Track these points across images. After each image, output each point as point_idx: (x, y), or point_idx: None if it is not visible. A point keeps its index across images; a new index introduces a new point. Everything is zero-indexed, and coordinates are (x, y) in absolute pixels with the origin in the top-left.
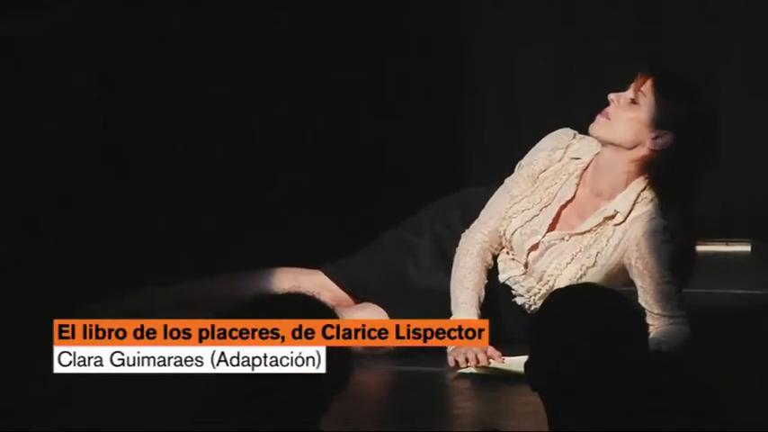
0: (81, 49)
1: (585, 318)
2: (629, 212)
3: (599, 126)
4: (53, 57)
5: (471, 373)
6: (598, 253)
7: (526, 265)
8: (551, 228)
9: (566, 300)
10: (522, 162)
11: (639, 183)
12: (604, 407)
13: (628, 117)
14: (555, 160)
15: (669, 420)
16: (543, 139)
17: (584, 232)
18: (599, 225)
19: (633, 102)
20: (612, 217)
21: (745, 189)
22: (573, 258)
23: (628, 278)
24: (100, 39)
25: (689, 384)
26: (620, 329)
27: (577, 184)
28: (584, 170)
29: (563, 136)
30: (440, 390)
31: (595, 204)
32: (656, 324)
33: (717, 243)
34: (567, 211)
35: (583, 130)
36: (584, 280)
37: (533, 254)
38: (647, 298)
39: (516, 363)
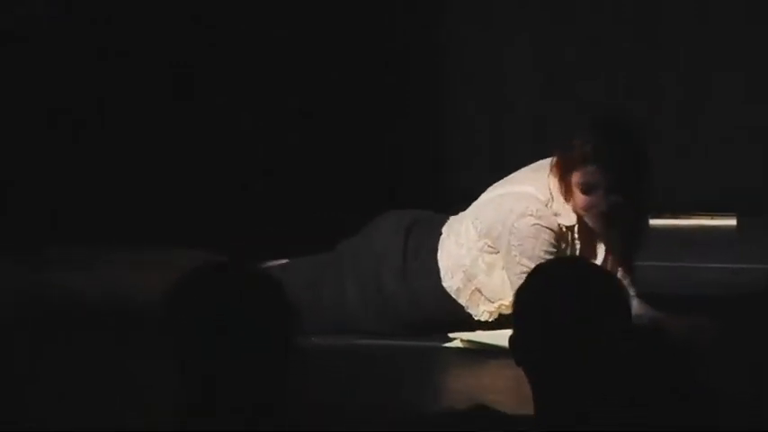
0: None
1: (569, 292)
2: None
3: None
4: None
5: (457, 348)
6: None
7: None
8: None
9: (549, 274)
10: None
11: None
12: (588, 381)
13: None
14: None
15: (651, 395)
16: (525, 240)
17: None
18: None
19: None
20: None
21: (729, 163)
22: None
23: None
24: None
25: (671, 359)
26: (604, 303)
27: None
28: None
29: (544, 230)
30: (426, 364)
31: None
32: None
33: (702, 217)
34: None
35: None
36: None
37: None
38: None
39: (501, 336)
